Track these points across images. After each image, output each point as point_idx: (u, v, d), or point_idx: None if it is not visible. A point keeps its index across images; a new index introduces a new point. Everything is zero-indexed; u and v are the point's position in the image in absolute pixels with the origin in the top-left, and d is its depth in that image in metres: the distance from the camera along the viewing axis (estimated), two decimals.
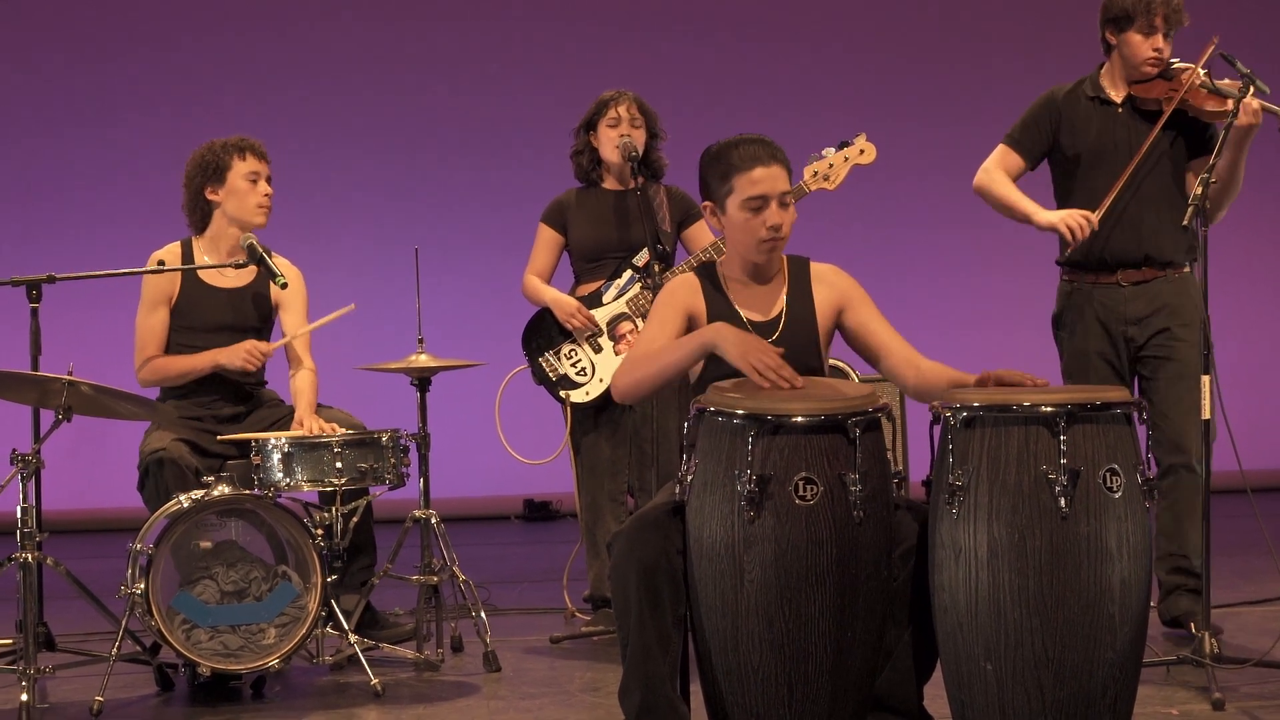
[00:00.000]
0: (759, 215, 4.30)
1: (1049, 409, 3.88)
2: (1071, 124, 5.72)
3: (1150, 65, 5.63)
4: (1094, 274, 5.70)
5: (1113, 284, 5.68)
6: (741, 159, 4.31)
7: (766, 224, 4.29)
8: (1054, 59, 5.79)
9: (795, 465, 3.86)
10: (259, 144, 6.03)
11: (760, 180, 4.28)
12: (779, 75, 10.51)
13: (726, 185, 4.31)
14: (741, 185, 4.29)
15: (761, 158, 4.30)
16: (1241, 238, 9.52)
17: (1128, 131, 5.66)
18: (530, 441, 6.46)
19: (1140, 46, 5.62)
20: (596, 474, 6.22)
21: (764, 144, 4.35)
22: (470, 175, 10.41)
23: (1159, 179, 5.63)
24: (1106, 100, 5.71)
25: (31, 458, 5.10)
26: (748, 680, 3.91)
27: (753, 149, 4.32)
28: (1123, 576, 3.89)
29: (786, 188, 4.32)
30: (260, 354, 5.87)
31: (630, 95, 6.22)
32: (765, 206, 4.29)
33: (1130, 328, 5.67)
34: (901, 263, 10.28)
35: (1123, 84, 5.71)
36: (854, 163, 6.03)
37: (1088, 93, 5.74)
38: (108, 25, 10.33)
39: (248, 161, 5.94)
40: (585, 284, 6.25)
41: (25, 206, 10.26)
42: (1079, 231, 5.51)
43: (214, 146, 5.98)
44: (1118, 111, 5.70)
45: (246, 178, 5.93)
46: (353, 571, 5.85)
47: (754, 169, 4.29)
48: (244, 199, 5.93)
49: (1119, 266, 5.66)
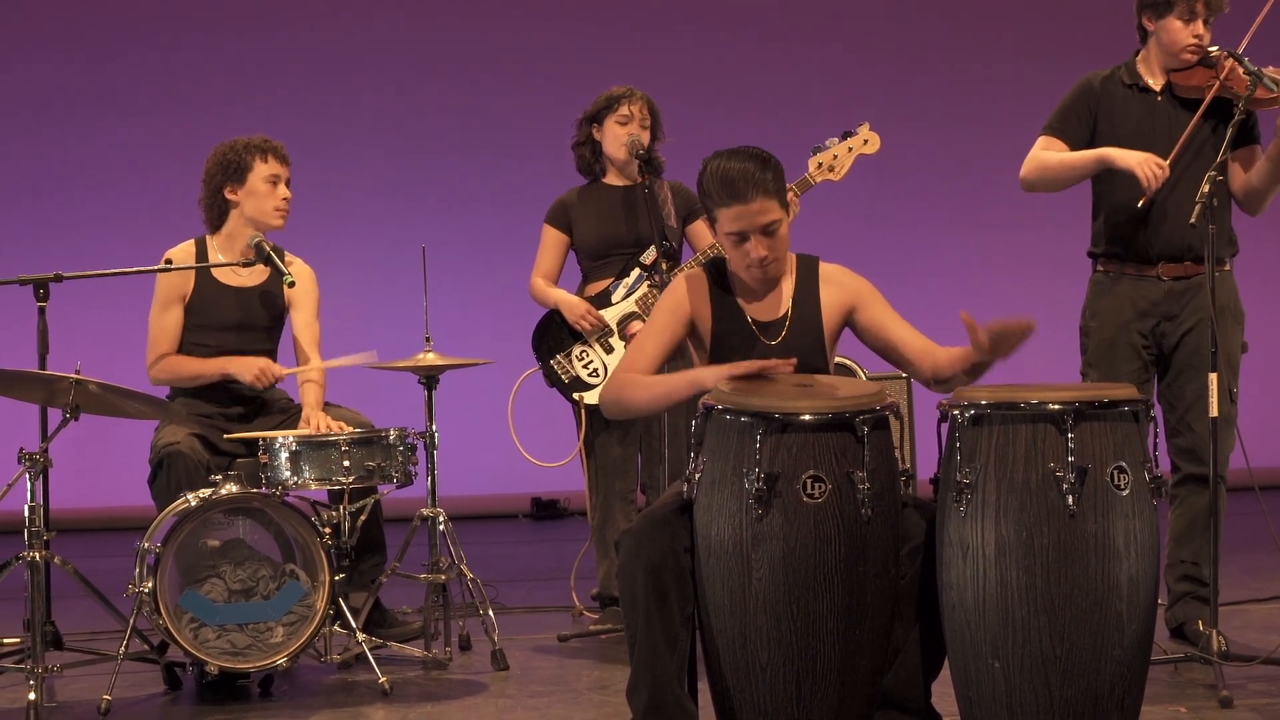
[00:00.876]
0: (741, 247, 4.29)
1: (1057, 407, 3.88)
2: (1109, 111, 5.58)
3: (1191, 52, 5.48)
4: (1134, 265, 5.54)
5: (1153, 277, 5.53)
6: (722, 193, 4.22)
7: (749, 255, 4.27)
8: (1057, 58, 5.77)
9: (803, 463, 3.85)
10: (281, 146, 6.02)
11: (739, 217, 4.23)
12: (781, 75, 10.51)
13: (712, 214, 4.30)
14: (722, 218, 4.27)
15: (741, 192, 4.20)
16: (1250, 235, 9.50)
17: (1168, 120, 5.52)
18: (541, 442, 6.46)
19: (1180, 33, 5.48)
20: (607, 473, 6.22)
21: (752, 169, 4.22)
22: (477, 173, 10.41)
23: (1202, 169, 5.41)
24: (1145, 88, 5.58)
25: (39, 456, 5.10)
26: (755, 678, 3.91)
27: (733, 178, 4.21)
28: (1130, 574, 3.88)
29: (771, 218, 4.24)
30: (271, 376, 5.86)
31: (642, 95, 6.23)
32: (746, 240, 4.27)
33: (1165, 323, 5.53)
34: (906, 262, 10.26)
35: (1161, 72, 5.57)
36: (858, 153, 6.01)
37: (1125, 80, 5.60)
38: (112, 24, 10.34)
39: (269, 164, 5.94)
40: (593, 283, 6.25)
41: (32, 205, 10.27)
42: (1154, 180, 5.33)
43: (236, 145, 5.97)
44: (1157, 100, 5.56)
45: (267, 180, 5.93)
46: (362, 569, 5.86)
47: (732, 205, 4.22)
48: (262, 201, 5.93)
49: (1160, 259, 5.52)
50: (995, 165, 6.90)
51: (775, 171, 4.26)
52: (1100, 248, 5.64)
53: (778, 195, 4.25)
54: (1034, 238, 5.67)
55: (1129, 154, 5.44)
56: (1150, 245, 5.52)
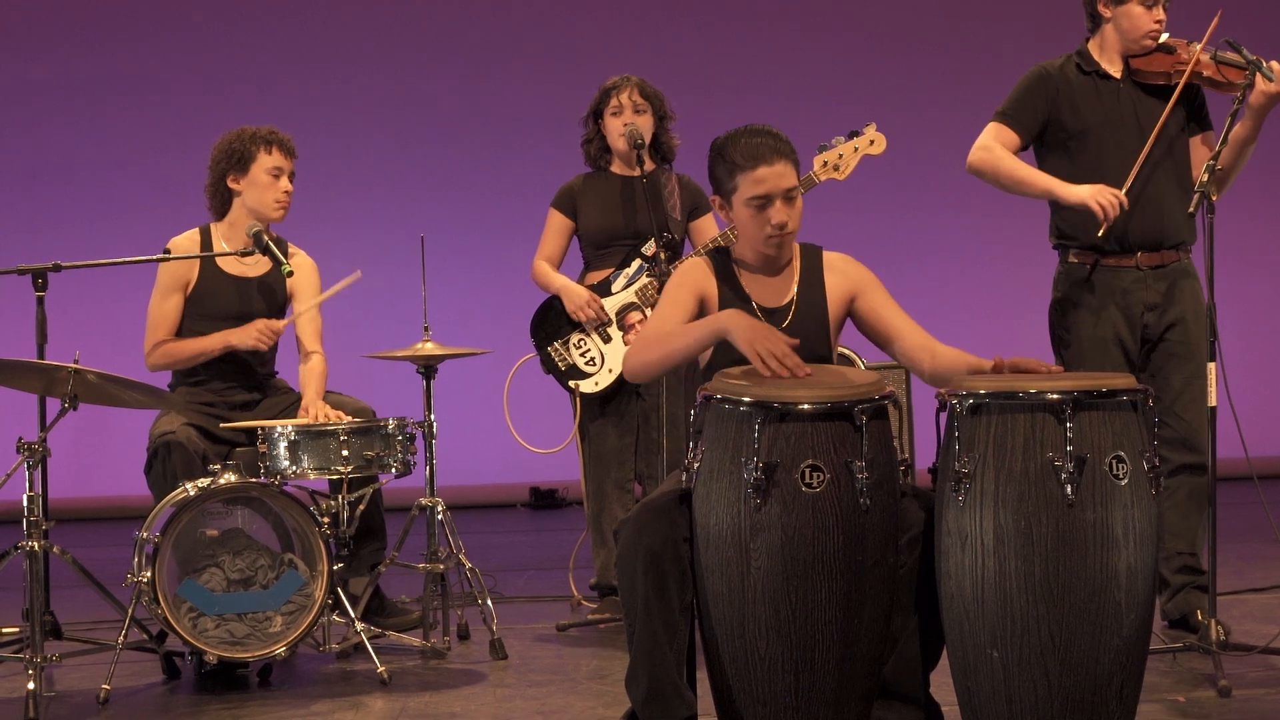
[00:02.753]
0: (764, 213, 4.28)
1: (1055, 396, 3.88)
2: (1071, 99, 5.55)
3: (1152, 38, 5.49)
4: (1112, 256, 5.51)
5: (1131, 267, 5.50)
6: (745, 156, 4.27)
7: (771, 221, 4.28)
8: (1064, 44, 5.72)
9: (802, 452, 3.85)
10: (288, 139, 6.02)
11: (764, 179, 4.25)
12: (789, 63, 10.50)
13: (731, 182, 4.30)
14: (745, 184, 4.28)
15: (765, 155, 4.26)
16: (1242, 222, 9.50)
17: (1133, 106, 5.52)
18: (538, 430, 6.46)
19: (1142, 18, 5.48)
20: (603, 462, 6.21)
21: (769, 138, 4.30)
22: (475, 163, 10.41)
23: (1173, 156, 5.48)
24: (1105, 75, 5.56)
25: (38, 446, 5.10)
26: (754, 668, 3.91)
27: (756, 145, 4.28)
28: (1129, 564, 3.88)
29: (792, 183, 4.29)
30: (271, 332, 5.87)
31: (633, 80, 6.20)
32: (770, 204, 4.27)
33: (1148, 314, 5.51)
34: (911, 250, 10.28)
35: (1118, 58, 5.56)
36: (864, 153, 6.02)
37: (1084, 68, 5.58)
38: (113, 13, 10.33)
39: (273, 156, 5.93)
40: (594, 271, 6.25)
41: (30, 195, 10.27)
42: (1110, 210, 5.32)
43: (243, 135, 5.96)
44: (1119, 86, 5.55)
45: (269, 172, 5.92)
46: (362, 555, 5.87)
47: (758, 167, 4.25)
48: (263, 193, 5.92)
49: (1138, 248, 5.50)
50: None
51: (790, 144, 4.34)
52: (1072, 238, 5.58)
53: (796, 165, 4.31)
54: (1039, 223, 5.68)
55: (1078, 189, 5.41)
56: (1128, 234, 5.49)
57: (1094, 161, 5.51)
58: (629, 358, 4.32)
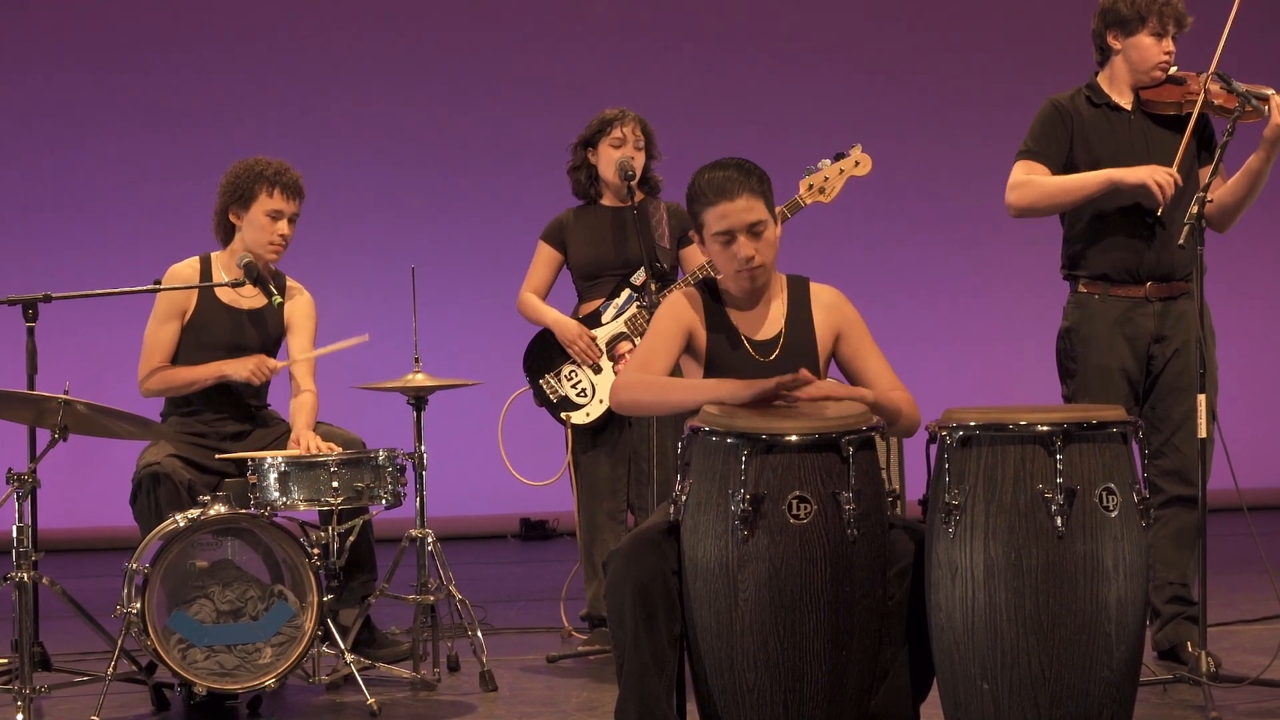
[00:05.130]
0: (729, 248, 4.30)
1: (1045, 428, 3.89)
2: (1084, 132, 5.55)
3: (1161, 69, 5.49)
4: (1120, 285, 5.51)
5: (1140, 297, 5.50)
6: (709, 191, 4.28)
7: (737, 256, 4.29)
8: (1049, 74, 5.75)
9: (789, 484, 3.86)
10: (295, 179, 5.97)
11: (726, 214, 4.27)
12: (775, 92, 10.52)
13: (701, 218, 4.33)
14: (710, 218, 4.29)
15: (727, 190, 4.26)
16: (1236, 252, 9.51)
17: (1145, 138, 5.51)
18: (530, 461, 6.46)
19: (1152, 50, 5.48)
20: (595, 493, 6.21)
21: (735, 170, 4.30)
22: (468, 194, 10.41)
23: (1186, 186, 5.43)
24: (1116, 107, 5.57)
25: (28, 477, 5.10)
26: (743, 700, 3.90)
27: (721, 180, 4.28)
28: (1119, 595, 3.89)
29: (757, 217, 4.28)
30: (267, 369, 5.86)
31: (634, 116, 6.22)
32: (733, 240, 4.29)
33: (1154, 345, 5.50)
34: (897, 278, 10.28)
35: (1128, 90, 5.56)
36: (849, 174, 6.02)
37: (1094, 100, 5.58)
38: (107, 40, 10.33)
39: (274, 199, 5.89)
40: (586, 303, 6.25)
41: (21, 225, 10.26)
42: (1168, 188, 5.29)
43: (251, 170, 5.92)
44: (1130, 118, 5.55)
45: (268, 214, 5.90)
46: (352, 587, 5.86)
47: (719, 202, 4.27)
48: (259, 233, 5.91)
49: (1149, 278, 5.49)
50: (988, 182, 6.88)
51: (760, 176, 4.32)
52: (1083, 268, 5.59)
53: (763, 197, 4.30)
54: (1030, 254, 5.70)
55: (1134, 170, 5.40)
56: (1139, 265, 5.50)
57: (1113, 194, 5.47)
58: (619, 389, 4.33)
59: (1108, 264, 5.49)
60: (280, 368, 5.93)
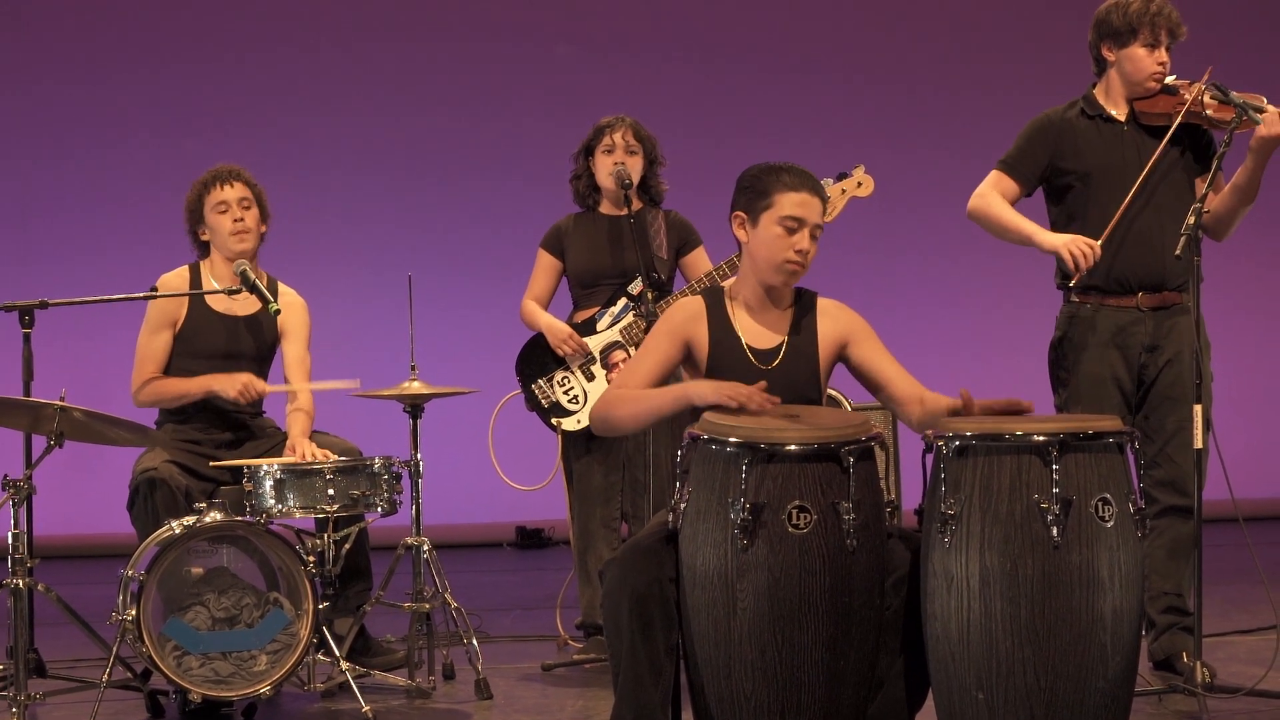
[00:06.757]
0: (792, 236, 4.33)
1: (1041, 438, 3.89)
2: (1074, 145, 5.58)
3: (1156, 80, 5.52)
4: (1112, 296, 5.52)
5: (1131, 307, 5.51)
6: (789, 181, 4.38)
7: (795, 247, 4.33)
8: (1052, 86, 5.75)
9: (789, 493, 3.86)
10: (227, 170, 5.99)
11: (805, 203, 4.36)
12: (778, 104, 10.51)
13: (767, 199, 4.36)
14: (786, 202, 4.35)
15: (808, 186, 4.39)
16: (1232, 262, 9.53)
17: (1137, 149, 5.52)
18: (523, 468, 6.45)
19: (1145, 61, 5.50)
20: (589, 501, 6.21)
21: (811, 177, 4.44)
22: (464, 202, 10.41)
23: (1173, 194, 5.47)
24: (1109, 118, 5.59)
25: (23, 483, 5.10)
26: (740, 709, 3.90)
27: (805, 176, 4.41)
28: (1115, 606, 3.89)
29: (820, 222, 4.40)
30: (255, 391, 5.86)
31: (627, 121, 6.21)
32: (799, 230, 4.34)
33: (1145, 355, 5.51)
34: (899, 290, 10.29)
35: (1123, 101, 5.59)
36: (851, 195, 6.04)
37: (1088, 112, 5.61)
38: (103, 51, 10.34)
39: (214, 193, 5.93)
40: (581, 310, 6.26)
41: (18, 232, 10.26)
42: (1082, 259, 5.36)
43: (194, 186, 5.98)
44: (1124, 129, 5.57)
45: (215, 210, 5.92)
46: (348, 595, 5.85)
47: (800, 192, 4.36)
48: (218, 233, 5.93)
49: (1140, 288, 5.51)
50: None
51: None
52: (1073, 282, 5.56)
53: (824, 211, 4.47)
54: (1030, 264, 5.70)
55: (1053, 237, 5.49)
56: (1129, 275, 5.51)
57: (1097, 203, 5.51)
58: (596, 410, 4.38)
59: (1099, 274, 5.50)
60: (269, 392, 5.92)
